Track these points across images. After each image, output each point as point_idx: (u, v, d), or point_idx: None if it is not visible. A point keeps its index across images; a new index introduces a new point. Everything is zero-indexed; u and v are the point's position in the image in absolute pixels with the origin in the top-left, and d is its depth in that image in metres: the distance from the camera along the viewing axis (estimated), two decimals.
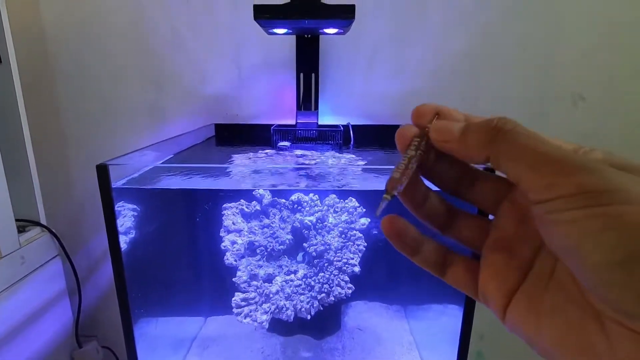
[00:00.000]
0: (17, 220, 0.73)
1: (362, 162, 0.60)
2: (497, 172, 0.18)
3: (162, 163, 0.56)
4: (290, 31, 0.63)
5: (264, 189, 0.64)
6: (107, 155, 0.85)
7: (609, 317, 0.14)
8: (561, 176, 0.14)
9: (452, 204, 0.21)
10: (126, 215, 0.60)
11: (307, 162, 0.58)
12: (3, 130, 0.71)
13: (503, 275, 0.18)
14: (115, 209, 0.47)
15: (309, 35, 0.70)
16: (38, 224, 0.78)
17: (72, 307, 0.86)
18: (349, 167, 0.55)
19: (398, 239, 0.20)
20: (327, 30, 0.61)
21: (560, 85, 0.80)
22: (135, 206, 0.59)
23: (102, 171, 0.39)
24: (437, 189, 0.21)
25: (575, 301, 0.16)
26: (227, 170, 0.51)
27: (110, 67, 0.81)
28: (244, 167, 0.53)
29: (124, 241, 0.55)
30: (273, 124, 0.77)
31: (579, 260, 0.14)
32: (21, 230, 0.75)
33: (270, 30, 0.61)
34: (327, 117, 0.82)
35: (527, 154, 0.15)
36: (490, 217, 0.21)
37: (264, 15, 0.54)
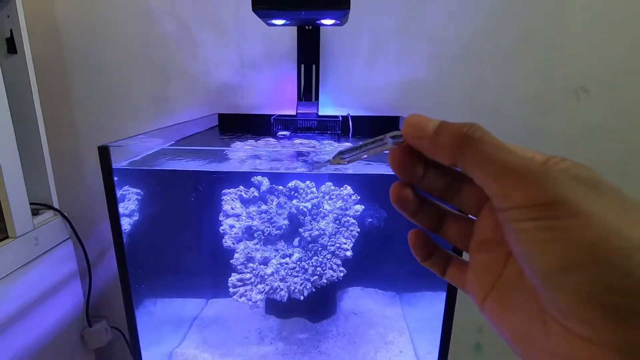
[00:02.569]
0: (31, 203, 0.77)
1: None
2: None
3: (168, 146, 0.59)
4: (289, 22, 0.65)
5: (261, 176, 0.66)
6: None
7: (551, 316, 0.16)
8: (516, 187, 0.15)
9: (442, 206, 0.23)
10: (130, 199, 0.63)
11: (304, 149, 0.59)
12: (18, 118, 0.75)
13: (482, 275, 0.20)
14: (120, 192, 0.50)
15: (310, 27, 0.71)
16: (51, 207, 0.82)
17: (83, 288, 0.90)
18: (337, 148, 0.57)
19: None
20: (324, 21, 0.63)
21: (563, 78, 0.80)
22: (139, 190, 0.62)
23: (104, 152, 0.42)
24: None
25: (530, 301, 0.17)
26: (226, 153, 0.53)
27: (119, 59, 0.84)
28: (243, 153, 0.55)
29: (127, 223, 0.59)
30: (274, 114, 0.79)
31: (529, 265, 0.15)
32: (35, 213, 0.79)
33: (269, 21, 0.63)
34: (327, 108, 0.83)
35: (490, 164, 0.16)
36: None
37: (262, 6, 0.56)
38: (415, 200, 0.22)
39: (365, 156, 0.22)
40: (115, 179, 0.48)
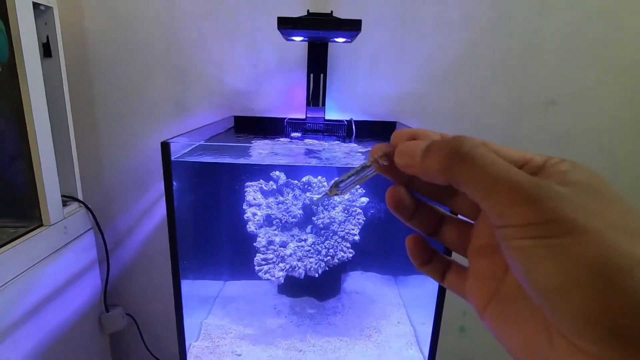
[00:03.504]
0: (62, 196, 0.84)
1: (363, 149, 0.72)
2: None
3: (197, 144, 0.68)
4: (306, 39, 0.75)
5: (279, 171, 0.76)
6: (134, 143, 0.98)
7: (556, 329, 0.15)
8: (510, 206, 0.15)
9: (440, 209, 0.23)
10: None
11: (316, 148, 0.70)
12: (52, 116, 0.82)
13: (482, 282, 0.20)
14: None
15: (320, 42, 0.82)
16: (77, 199, 0.89)
17: (101, 276, 0.97)
18: (351, 152, 0.67)
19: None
20: (336, 40, 0.73)
21: (535, 92, 0.93)
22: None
23: (165, 147, 0.51)
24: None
25: (533, 312, 0.17)
26: (250, 150, 0.63)
27: (142, 65, 0.92)
28: (279, 151, 0.65)
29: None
30: (285, 117, 0.89)
31: (527, 283, 0.15)
32: (64, 204, 0.86)
33: (289, 38, 0.73)
34: (332, 113, 0.94)
35: (481, 181, 0.16)
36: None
37: (287, 26, 0.66)
38: (411, 203, 0.22)
39: (358, 179, 0.23)
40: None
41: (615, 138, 0.95)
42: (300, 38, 0.73)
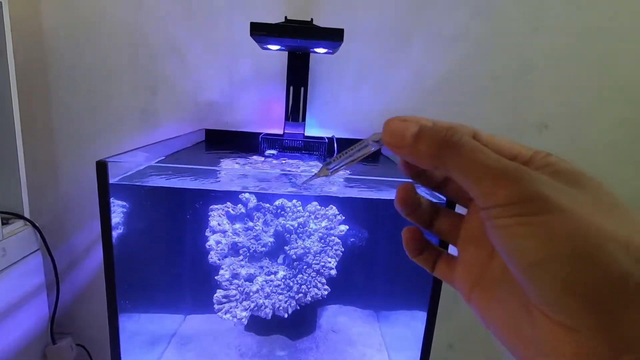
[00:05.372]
0: (0, 212, 0.74)
1: (344, 172, 0.64)
2: None
3: (155, 163, 0.59)
4: (283, 48, 0.68)
5: (249, 193, 0.68)
6: (95, 154, 0.88)
7: (535, 306, 0.17)
8: (496, 187, 0.16)
9: (435, 203, 0.24)
10: (115, 211, 0.62)
11: (292, 170, 0.62)
12: None
13: (469, 269, 0.21)
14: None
15: (300, 52, 0.75)
16: (21, 217, 0.78)
17: (49, 302, 0.86)
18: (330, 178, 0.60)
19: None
20: (317, 50, 0.66)
21: (528, 115, 0.88)
22: (124, 203, 0.62)
23: (101, 168, 0.42)
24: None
25: (514, 293, 0.18)
26: (217, 172, 0.54)
27: (105, 68, 0.83)
28: (234, 171, 0.57)
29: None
30: (261, 133, 0.81)
31: (509, 259, 0.16)
32: (5, 222, 0.76)
33: (264, 46, 0.66)
34: (313, 129, 0.86)
35: (470, 168, 0.17)
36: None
37: (260, 32, 0.58)
38: (417, 199, 0.23)
39: (348, 160, 0.23)
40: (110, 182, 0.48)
41: (610, 160, 0.90)
42: (277, 47, 0.66)
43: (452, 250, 0.25)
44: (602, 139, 0.89)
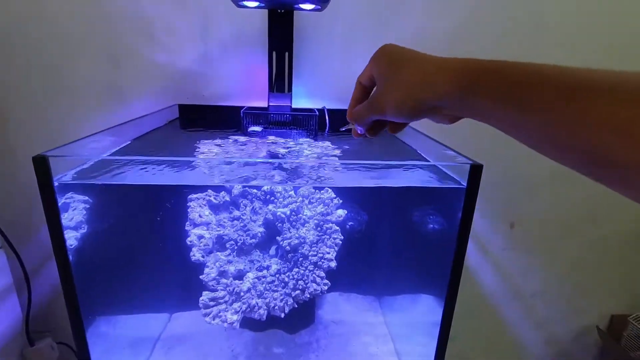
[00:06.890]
0: None
1: (338, 152, 0.56)
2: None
3: (119, 149, 0.50)
4: (263, 4, 0.57)
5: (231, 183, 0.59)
6: (56, 140, 0.76)
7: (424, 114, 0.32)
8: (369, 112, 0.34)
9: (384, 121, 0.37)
10: (76, 208, 0.53)
11: (281, 151, 0.53)
12: None
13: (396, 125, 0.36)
14: (62, 201, 0.41)
15: (282, 10, 0.64)
16: None
17: (21, 302, 0.79)
18: (325, 161, 0.51)
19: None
20: (303, 6, 0.56)
21: None
22: (87, 198, 0.53)
23: (41, 164, 0.33)
24: None
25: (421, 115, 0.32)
26: (194, 163, 0.45)
27: (60, 39, 0.71)
28: (212, 160, 0.48)
29: (74, 237, 0.50)
30: (243, 106, 0.72)
31: (396, 112, 0.31)
32: None
33: (240, 3, 0.55)
34: (301, 100, 0.77)
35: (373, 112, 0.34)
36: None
37: None
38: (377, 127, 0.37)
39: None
40: (56, 184, 0.39)
41: None
42: (255, 3, 0.55)
43: None
44: None
